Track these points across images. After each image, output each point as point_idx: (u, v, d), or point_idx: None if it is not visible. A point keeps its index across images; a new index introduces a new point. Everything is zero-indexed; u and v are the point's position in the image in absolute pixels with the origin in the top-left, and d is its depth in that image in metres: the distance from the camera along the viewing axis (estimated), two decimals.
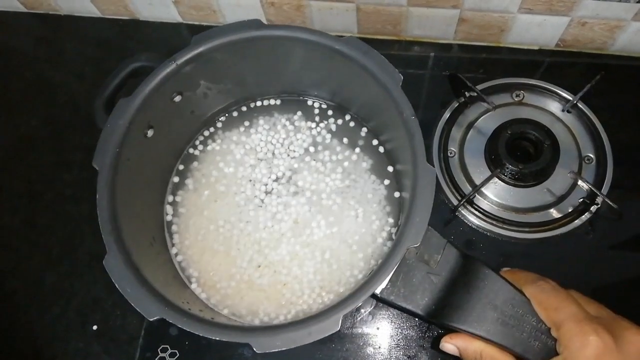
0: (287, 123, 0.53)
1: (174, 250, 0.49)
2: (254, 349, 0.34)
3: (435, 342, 0.47)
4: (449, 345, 0.40)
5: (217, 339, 0.35)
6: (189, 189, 0.51)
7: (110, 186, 0.40)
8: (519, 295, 0.37)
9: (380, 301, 0.38)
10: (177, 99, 0.46)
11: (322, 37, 0.43)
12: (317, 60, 0.45)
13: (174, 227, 0.50)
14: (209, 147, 0.53)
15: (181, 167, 0.52)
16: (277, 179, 0.51)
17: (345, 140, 0.52)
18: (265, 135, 0.53)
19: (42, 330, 0.52)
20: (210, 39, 0.43)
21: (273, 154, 0.52)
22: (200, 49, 0.43)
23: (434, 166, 0.38)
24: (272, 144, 0.52)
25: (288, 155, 0.52)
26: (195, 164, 0.52)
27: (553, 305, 0.36)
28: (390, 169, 0.51)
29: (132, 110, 0.42)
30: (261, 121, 0.53)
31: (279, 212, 0.49)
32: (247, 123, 0.53)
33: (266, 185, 0.50)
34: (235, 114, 0.54)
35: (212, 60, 0.45)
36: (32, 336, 0.52)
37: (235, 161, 0.52)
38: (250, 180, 0.51)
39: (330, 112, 0.53)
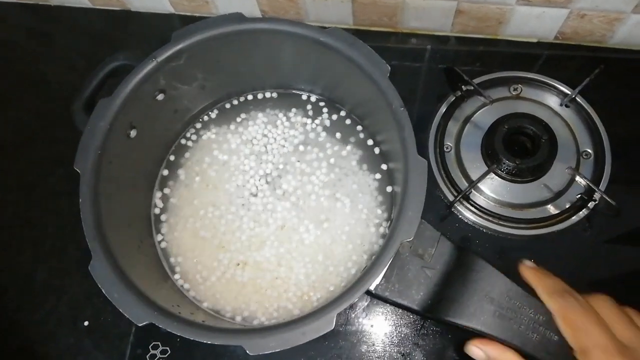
0: (284, 118, 0.52)
1: (162, 245, 0.48)
2: (247, 352, 0.34)
3: (430, 340, 0.47)
4: (477, 350, 0.37)
5: (209, 342, 0.35)
6: (180, 180, 0.51)
7: (93, 190, 0.39)
8: (515, 287, 0.36)
9: (375, 297, 0.38)
10: (160, 97, 0.45)
11: (305, 29, 0.42)
12: (304, 53, 0.44)
13: (162, 217, 0.49)
14: (199, 140, 0.52)
15: (172, 157, 0.51)
16: (265, 176, 0.50)
17: (337, 134, 0.51)
18: (257, 130, 0.52)
19: (33, 326, 0.51)
20: (191, 34, 0.42)
21: (265, 149, 0.51)
22: (181, 46, 0.42)
23: (427, 160, 0.37)
24: (266, 137, 0.52)
25: (279, 152, 0.51)
26: (187, 154, 0.51)
27: (582, 327, 0.34)
28: (383, 165, 0.50)
29: (113, 110, 0.40)
30: (249, 116, 0.52)
31: (265, 212, 0.48)
32: (237, 118, 0.53)
33: (255, 184, 0.50)
34: (221, 109, 0.53)
35: (195, 57, 0.44)
36: (23, 332, 0.51)
37: (227, 154, 0.51)
38: (241, 178, 0.50)
39: (322, 107, 0.53)
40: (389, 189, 0.49)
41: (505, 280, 0.36)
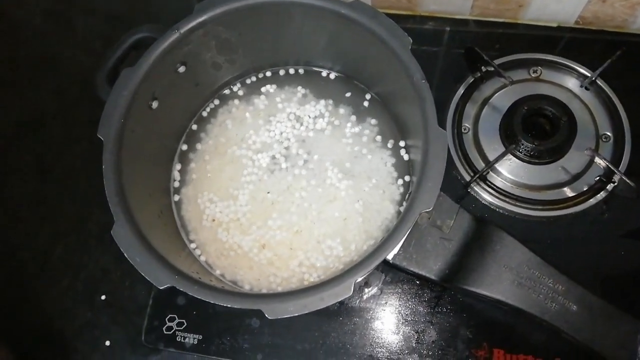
0: (304, 95, 0.53)
1: (181, 216, 0.49)
2: (266, 315, 0.34)
3: (444, 318, 0.47)
4: None
5: (229, 305, 0.35)
6: (199, 153, 0.51)
7: (116, 157, 0.39)
8: (534, 256, 0.37)
9: (393, 267, 0.38)
10: (182, 69, 0.46)
11: (328, 2, 0.42)
12: (325, 27, 0.45)
13: (181, 189, 0.50)
14: (219, 115, 0.52)
15: (192, 130, 0.52)
16: (283, 150, 0.50)
17: (356, 111, 0.52)
18: (276, 106, 0.52)
19: (52, 301, 0.52)
20: (213, 6, 0.43)
21: (284, 124, 0.51)
22: (204, 17, 0.43)
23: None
24: (285, 113, 0.52)
25: (297, 127, 0.51)
26: (207, 128, 0.52)
27: None
28: (401, 141, 0.50)
29: (136, 80, 0.41)
30: (269, 92, 0.53)
31: (281, 186, 0.49)
32: (258, 93, 0.53)
33: (272, 159, 0.50)
34: (241, 85, 0.53)
35: (217, 29, 0.44)
36: (42, 307, 0.52)
37: (246, 129, 0.51)
38: (258, 153, 0.50)
39: (341, 82, 0.53)
40: (405, 157, 0.49)
41: (525, 250, 0.37)
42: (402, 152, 0.50)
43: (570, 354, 0.43)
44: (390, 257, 0.36)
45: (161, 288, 0.35)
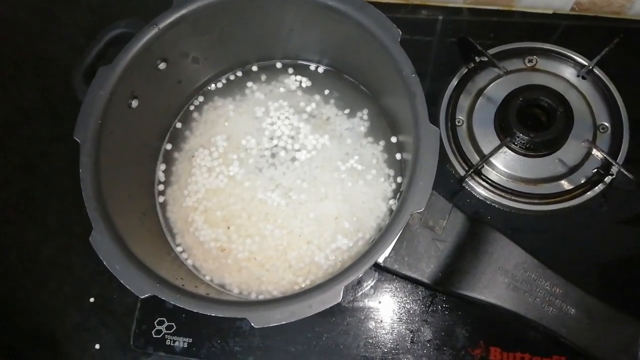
0: (291, 89, 0.51)
1: (165, 218, 0.48)
2: (252, 324, 0.33)
3: (439, 317, 0.46)
4: None
5: (213, 314, 0.35)
6: (184, 153, 0.50)
7: (93, 160, 0.38)
8: (530, 258, 0.35)
9: (384, 270, 0.37)
10: (162, 66, 0.44)
11: None
12: (311, 19, 0.43)
13: (166, 190, 0.49)
14: (203, 112, 0.51)
15: (176, 129, 0.51)
16: (271, 148, 0.49)
17: (345, 106, 0.50)
18: (263, 102, 0.51)
19: (40, 303, 0.51)
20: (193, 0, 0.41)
21: (271, 121, 0.50)
22: (183, 12, 0.41)
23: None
24: (272, 109, 0.50)
25: (285, 124, 0.50)
26: (191, 127, 0.51)
27: None
28: (392, 136, 0.49)
29: (113, 79, 0.40)
30: (255, 87, 0.51)
31: (270, 185, 0.48)
32: (243, 89, 0.51)
33: (260, 157, 0.49)
34: (226, 80, 0.52)
35: (198, 24, 0.43)
36: (30, 310, 0.51)
37: (232, 127, 0.50)
38: (245, 151, 0.49)
39: (331, 76, 0.51)
40: (397, 156, 0.48)
41: (520, 252, 0.35)
42: (394, 148, 0.48)
43: (568, 352, 0.42)
44: (381, 260, 0.35)
45: (142, 297, 0.34)
